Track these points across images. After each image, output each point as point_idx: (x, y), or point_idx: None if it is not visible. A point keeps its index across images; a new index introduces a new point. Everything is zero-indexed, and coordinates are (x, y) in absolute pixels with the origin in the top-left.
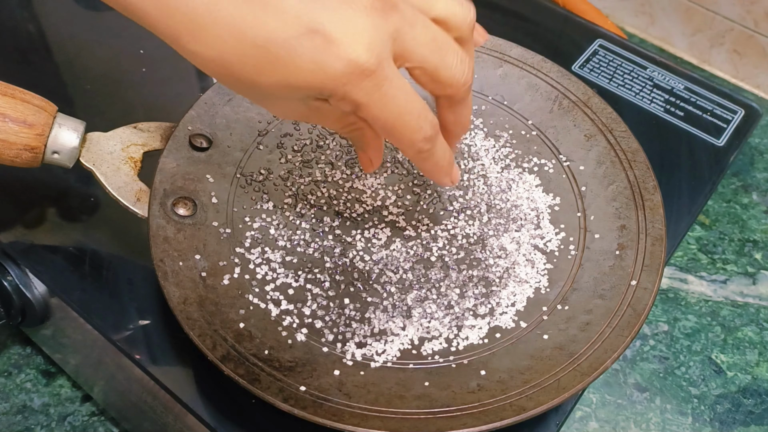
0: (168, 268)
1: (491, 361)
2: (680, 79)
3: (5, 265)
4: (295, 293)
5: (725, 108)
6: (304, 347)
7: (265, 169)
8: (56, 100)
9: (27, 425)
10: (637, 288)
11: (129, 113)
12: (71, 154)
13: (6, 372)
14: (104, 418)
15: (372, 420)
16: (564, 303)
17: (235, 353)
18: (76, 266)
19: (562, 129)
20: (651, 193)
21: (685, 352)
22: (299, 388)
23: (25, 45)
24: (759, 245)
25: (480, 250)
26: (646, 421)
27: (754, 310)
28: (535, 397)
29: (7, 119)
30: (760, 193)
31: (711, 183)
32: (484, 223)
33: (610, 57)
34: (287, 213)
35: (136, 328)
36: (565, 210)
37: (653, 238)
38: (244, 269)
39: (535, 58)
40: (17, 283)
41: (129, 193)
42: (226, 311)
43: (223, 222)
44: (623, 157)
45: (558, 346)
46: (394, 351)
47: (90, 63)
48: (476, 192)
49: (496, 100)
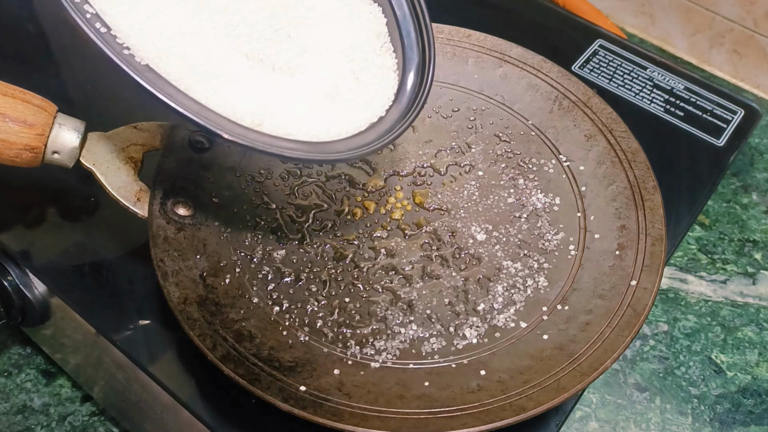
0: (168, 268)
1: (491, 361)
2: (680, 79)
3: (5, 265)
4: (296, 293)
5: (725, 108)
6: (304, 347)
7: (265, 169)
8: (56, 100)
9: (27, 425)
10: (637, 288)
11: (129, 113)
12: (71, 154)
13: (6, 372)
14: (104, 418)
15: (372, 420)
16: (564, 303)
17: (235, 353)
18: (76, 266)
19: (562, 129)
20: (651, 193)
21: (685, 352)
22: (299, 388)
23: (25, 45)
24: (759, 245)
25: (480, 250)
26: (646, 421)
27: (754, 310)
28: (535, 397)
29: (7, 119)
30: (760, 193)
31: (711, 183)
32: (484, 222)
33: (610, 57)
34: (287, 213)
35: (136, 328)
36: (565, 210)
37: (653, 238)
38: (244, 269)
39: (535, 58)
40: (17, 283)
41: (129, 193)
42: (226, 311)
43: (223, 222)
44: (623, 157)
45: (558, 346)
46: (394, 350)
47: (90, 63)
48: (476, 192)
49: (496, 100)
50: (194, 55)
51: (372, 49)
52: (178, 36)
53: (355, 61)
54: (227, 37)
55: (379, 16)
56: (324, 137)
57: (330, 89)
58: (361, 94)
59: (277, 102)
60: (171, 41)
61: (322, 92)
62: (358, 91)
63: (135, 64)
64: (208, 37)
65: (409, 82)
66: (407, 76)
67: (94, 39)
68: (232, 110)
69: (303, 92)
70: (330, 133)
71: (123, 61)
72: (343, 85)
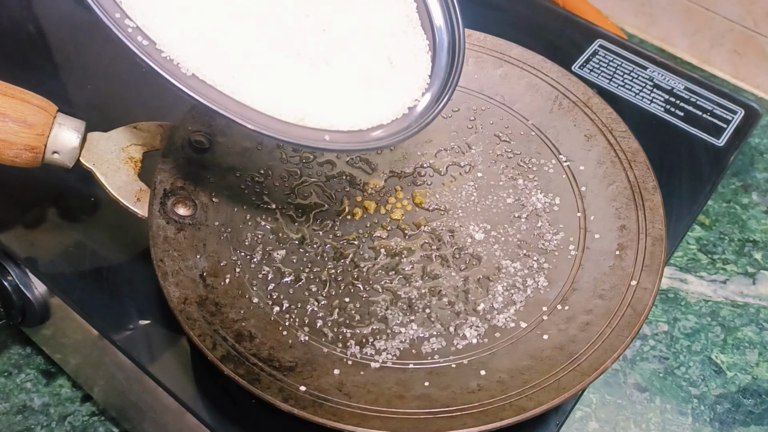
0: (168, 268)
1: (491, 361)
2: (680, 79)
3: (5, 265)
4: (296, 293)
5: (725, 108)
6: (304, 347)
7: (264, 169)
8: (56, 100)
9: (27, 425)
10: (637, 288)
11: (129, 113)
12: (71, 154)
13: (6, 372)
14: (104, 418)
15: (372, 420)
16: (564, 303)
17: (235, 353)
18: (76, 266)
19: (562, 129)
20: (651, 193)
21: (685, 352)
22: (299, 388)
23: (25, 45)
24: (759, 245)
25: (480, 250)
26: (646, 421)
27: (754, 310)
28: (535, 397)
29: (7, 119)
30: (760, 193)
31: (711, 183)
32: (484, 222)
33: (610, 57)
34: (287, 213)
35: (136, 328)
36: (565, 210)
37: (653, 238)
38: (244, 269)
39: (535, 58)
40: (17, 283)
41: (129, 193)
42: (226, 311)
43: (223, 222)
44: (623, 157)
45: (558, 346)
46: (394, 350)
47: (90, 63)
48: (476, 192)
49: (496, 100)
50: (235, 57)
51: (403, 32)
52: (219, 41)
53: (388, 46)
54: (265, 36)
55: (409, 1)
56: (363, 125)
57: (366, 75)
58: (396, 78)
59: (317, 94)
60: (213, 47)
61: (358, 80)
62: (392, 74)
63: (181, 75)
64: (247, 38)
65: (442, 61)
66: (439, 56)
67: (140, 54)
68: (276, 107)
69: (341, 82)
70: (370, 120)
71: (188, 87)
72: (379, 70)
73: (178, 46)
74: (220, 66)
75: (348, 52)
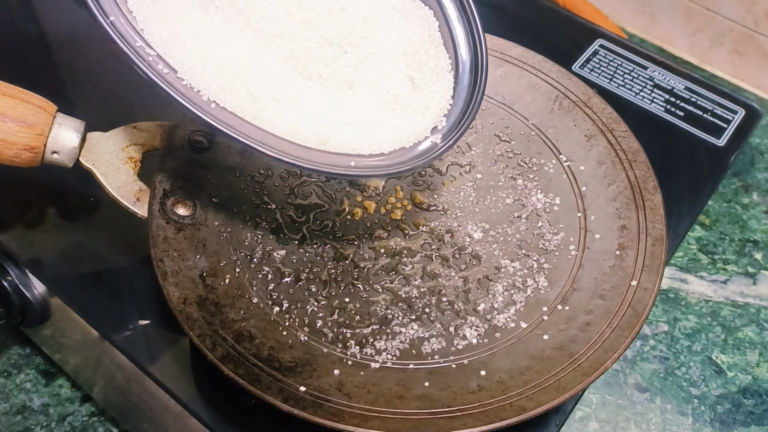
0: (168, 268)
1: (491, 361)
2: (680, 79)
3: (5, 265)
4: (296, 293)
5: (725, 108)
6: (304, 347)
7: (264, 169)
8: (56, 100)
9: (27, 425)
10: (637, 288)
11: (129, 113)
12: (71, 154)
13: (6, 372)
14: (104, 418)
15: (372, 420)
16: (564, 303)
17: (235, 353)
18: (76, 266)
19: (563, 129)
20: (651, 193)
21: (686, 353)
22: (299, 388)
23: (25, 45)
24: (759, 245)
25: (479, 249)
26: (646, 421)
27: (755, 311)
28: (536, 397)
29: (7, 119)
30: (760, 193)
31: (711, 183)
32: (484, 222)
33: (611, 57)
34: (287, 213)
35: (135, 329)
36: (566, 210)
37: (653, 238)
38: (244, 269)
39: (535, 58)
40: (17, 283)
41: (129, 193)
42: (226, 311)
43: (223, 222)
44: (623, 157)
45: (558, 347)
46: (394, 350)
47: (90, 63)
48: (476, 192)
49: (497, 100)
50: (256, 83)
51: (426, 51)
52: (240, 68)
53: (410, 66)
54: (286, 61)
55: (431, 19)
56: (385, 148)
57: (388, 97)
58: (419, 99)
59: (339, 118)
60: (233, 74)
61: (381, 102)
62: (415, 95)
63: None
64: (268, 63)
65: (464, 81)
66: (462, 76)
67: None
68: (297, 132)
69: (363, 104)
70: (392, 143)
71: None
72: (401, 91)
73: (200, 74)
74: (241, 93)
75: (370, 74)
